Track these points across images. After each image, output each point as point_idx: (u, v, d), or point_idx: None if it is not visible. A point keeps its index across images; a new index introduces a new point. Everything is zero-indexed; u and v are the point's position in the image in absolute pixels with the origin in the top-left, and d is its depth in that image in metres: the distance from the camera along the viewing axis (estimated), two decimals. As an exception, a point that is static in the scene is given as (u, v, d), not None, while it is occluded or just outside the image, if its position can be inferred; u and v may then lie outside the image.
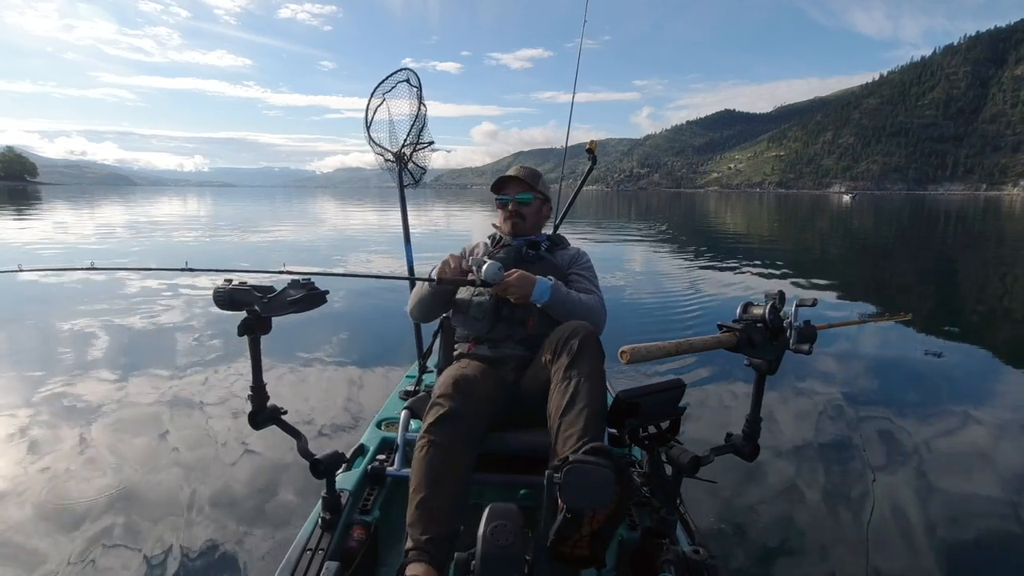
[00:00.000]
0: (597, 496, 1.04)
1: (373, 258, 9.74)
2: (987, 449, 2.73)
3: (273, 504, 2.15)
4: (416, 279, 1.82)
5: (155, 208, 29.14)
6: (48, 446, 2.59)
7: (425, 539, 1.21)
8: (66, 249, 10.29)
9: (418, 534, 1.23)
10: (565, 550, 1.11)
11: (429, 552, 1.20)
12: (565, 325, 1.50)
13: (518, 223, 1.87)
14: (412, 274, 2.34)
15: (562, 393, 1.36)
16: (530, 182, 1.87)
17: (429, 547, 1.20)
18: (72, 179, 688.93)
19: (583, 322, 1.50)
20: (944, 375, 3.90)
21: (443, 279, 1.59)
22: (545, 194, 1.95)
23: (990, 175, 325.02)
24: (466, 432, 1.37)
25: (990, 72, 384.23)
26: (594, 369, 1.39)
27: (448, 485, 1.29)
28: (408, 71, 2.22)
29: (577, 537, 1.11)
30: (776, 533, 2.03)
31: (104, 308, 5.42)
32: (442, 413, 1.36)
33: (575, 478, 1.02)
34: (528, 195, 1.86)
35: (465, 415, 1.38)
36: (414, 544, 1.22)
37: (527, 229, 1.89)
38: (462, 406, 1.38)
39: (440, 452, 1.32)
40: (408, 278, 1.83)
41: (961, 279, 8.95)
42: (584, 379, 1.36)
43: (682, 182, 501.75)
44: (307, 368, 3.70)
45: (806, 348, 1.14)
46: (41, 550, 1.88)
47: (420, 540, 1.21)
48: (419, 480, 1.29)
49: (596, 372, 1.39)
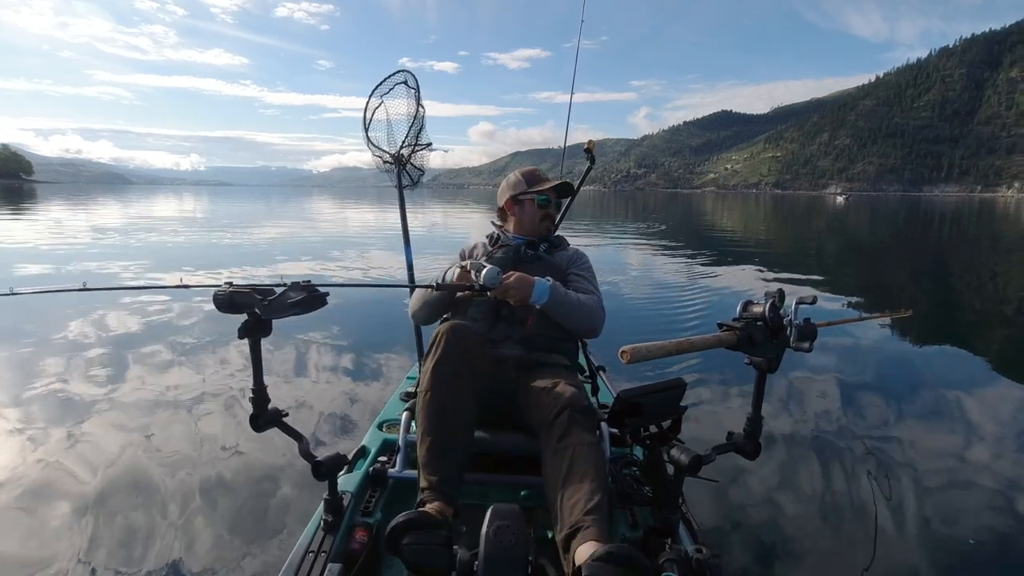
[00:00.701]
0: None
1: (373, 259, 9.73)
2: (989, 448, 2.75)
3: (275, 506, 2.14)
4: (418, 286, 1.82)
5: (153, 208, 29.04)
6: (46, 447, 2.57)
7: (437, 479, 1.32)
8: (66, 250, 10.24)
9: (430, 474, 1.33)
10: None
11: (441, 491, 1.30)
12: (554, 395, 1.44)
13: (550, 225, 1.97)
14: (412, 273, 2.35)
15: (557, 465, 1.32)
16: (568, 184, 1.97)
17: (441, 486, 1.31)
18: (68, 177, 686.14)
19: (571, 390, 1.46)
20: (946, 372, 3.92)
21: (442, 285, 1.60)
22: None
23: (985, 177, 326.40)
24: (465, 375, 1.44)
25: (985, 74, 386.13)
26: (587, 440, 1.35)
27: (453, 428, 1.39)
28: (406, 72, 2.22)
29: None
30: (778, 531, 2.04)
31: (104, 308, 5.39)
32: (439, 357, 1.43)
33: None
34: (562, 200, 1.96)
35: (462, 359, 1.44)
36: (428, 484, 1.32)
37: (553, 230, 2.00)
38: (458, 350, 1.44)
39: (443, 399, 1.41)
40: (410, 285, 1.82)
41: (960, 279, 9.00)
42: (578, 451, 1.32)
43: (679, 183, 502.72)
44: (308, 370, 3.69)
45: (806, 346, 1.14)
46: (41, 550, 1.88)
47: (433, 480, 1.32)
48: (425, 427, 1.40)
49: (590, 442, 1.35)
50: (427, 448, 1.37)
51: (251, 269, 8.32)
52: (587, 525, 1.18)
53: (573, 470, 1.29)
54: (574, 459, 1.31)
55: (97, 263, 8.52)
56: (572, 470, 1.29)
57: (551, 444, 1.37)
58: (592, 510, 1.20)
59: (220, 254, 10.41)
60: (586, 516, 1.19)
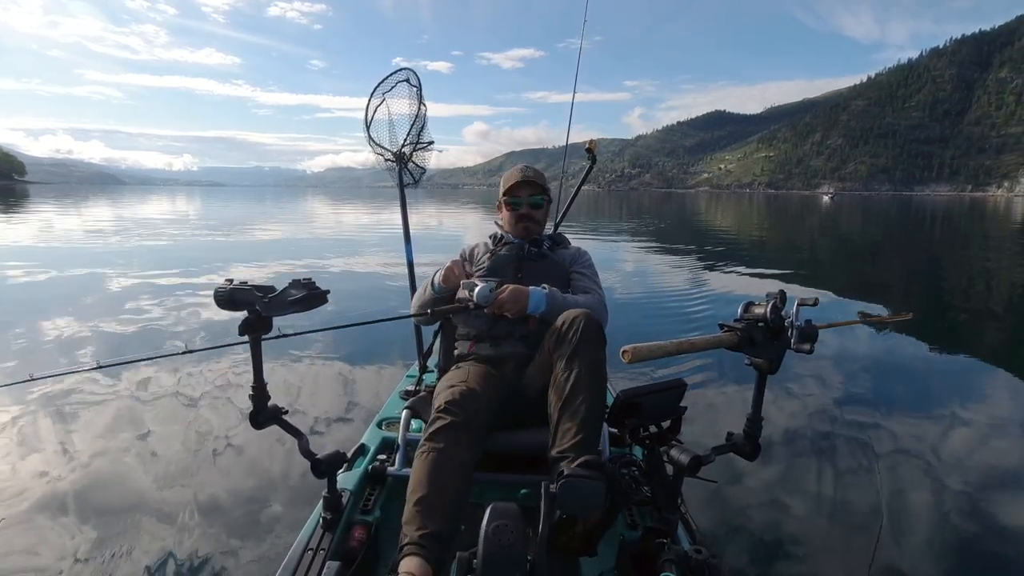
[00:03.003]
0: (589, 506, 1.14)
1: (372, 257, 9.71)
2: (990, 447, 2.77)
3: (274, 504, 2.14)
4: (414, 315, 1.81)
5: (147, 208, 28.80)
6: (44, 448, 2.56)
7: (420, 534, 1.18)
8: (67, 250, 10.16)
9: (413, 530, 1.19)
10: (560, 544, 1.21)
11: (424, 547, 1.16)
12: (567, 313, 1.50)
13: (531, 226, 1.86)
14: (412, 272, 2.34)
15: (563, 384, 1.40)
16: (541, 183, 1.87)
17: (425, 542, 1.17)
18: (59, 178, 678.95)
19: (584, 310, 1.51)
20: (946, 374, 3.96)
21: (438, 311, 1.60)
22: (550, 194, 1.96)
23: (975, 176, 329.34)
24: (467, 439, 1.36)
25: (975, 75, 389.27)
26: (594, 360, 1.42)
27: (448, 486, 1.27)
28: (408, 71, 2.21)
29: (571, 534, 1.20)
30: (777, 532, 2.05)
31: (102, 310, 5.35)
32: (444, 424, 1.36)
33: (569, 491, 1.12)
34: (540, 197, 1.86)
35: (466, 425, 1.37)
36: (409, 539, 1.18)
37: (538, 231, 1.89)
38: (463, 417, 1.37)
39: (441, 456, 1.31)
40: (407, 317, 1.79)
41: (956, 278, 9.07)
42: (584, 371, 1.39)
43: (673, 182, 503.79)
44: (308, 368, 3.69)
45: (807, 347, 1.14)
46: (41, 552, 1.87)
47: (415, 536, 1.18)
48: (417, 481, 1.28)
49: (596, 362, 1.42)
50: (414, 503, 1.25)
51: (251, 269, 8.28)
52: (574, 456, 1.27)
53: (575, 392, 1.37)
54: (578, 380, 1.38)
55: (98, 264, 8.43)
56: (574, 391, 1.37)
57: (561, 362, 1.43)
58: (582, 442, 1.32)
59: (220, 254, 10.35)
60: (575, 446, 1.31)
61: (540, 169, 1.92)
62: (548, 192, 1.91)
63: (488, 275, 1.73)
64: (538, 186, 1.86)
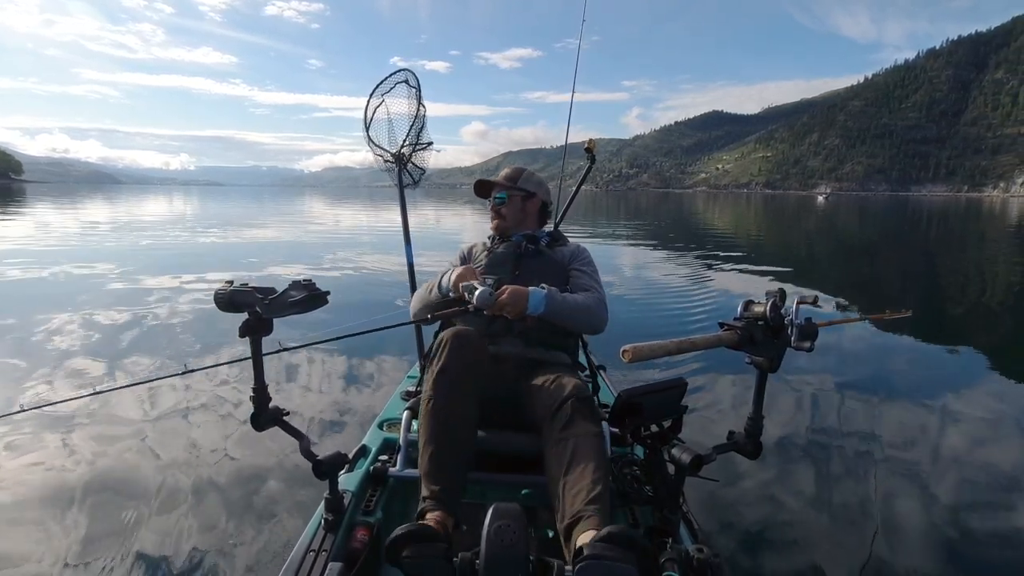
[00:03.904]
0: None
1: (372, 257, 9.69)
2: (991, 447, 2.78)
3: (275, 505, 2.14)
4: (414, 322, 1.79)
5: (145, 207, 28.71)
6: (43, 449, 2.55)
7: (438, 488, 1.32)
8: (66, 252, 10.12)
9: (431, 483, 1.33)
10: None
11: (443, 500, 1.29)
12: (556, 388, 1.46)
13: (499, 222, 1.99)
14: (412, 272, 2.34)
15: (560, 455, 1.33)
16: (506, 182, 1.97)
17: (443, 496, 1.30)
18: (56, 177, 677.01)
19: (574, 382, 1.47)
20: (945, 371, 3.97)
21: (437, 315, 1.62)
22: (527, 189, 1.97)
23: (971, 177, 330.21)
24: (467, 383, 1.44)
25: (972, 75, 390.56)
26: (590, 431, 1.36)
27: (456, 437, 1.39)
28: (407, 71, 2.21)
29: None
30: (779, 531, 2.05)
31: (102, 309, 5.33)
32: (442, 365, 1.44)
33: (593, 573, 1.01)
34: (502, 194, 1.96)
35: (465, 367, 1.45)
36: (429, 494, 1.32)
37: (508, 226, 1.97)
38: (461, 359, 1.45)
39: (445, 406, 1.41)
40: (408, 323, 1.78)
41: (953, 276, 9.11)
42: (580, 441, 1.33)
43: (671, 182, 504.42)
44: (309, 369, 3.68)
45: (807, 346, 1.15)
46: (42, 551, 1.86)
47: (435, 490, 1.32)
48: (427, 435, 1.40)
49: (592, 433, 1.36)
50: (429, 457, 1.37)
51: (251, 270, 8.26)
52: (589, 514, 1.19)
53: (575, 460, 1.30)
54: (576, 450, 1.32)
55: (98, 264, 8.40)
56: (574, 460, 1.30)
57: (553, 435, 1.38)
58: (594, 499, 1.21)
59: (220, 254, 10.32)
60: (588, 506, 1.20)
61: (537, 169, 1.94)
62: (519, 187, 1.97)
63: (487, 271, 1.76)
64: (502, 184, 1.98)
